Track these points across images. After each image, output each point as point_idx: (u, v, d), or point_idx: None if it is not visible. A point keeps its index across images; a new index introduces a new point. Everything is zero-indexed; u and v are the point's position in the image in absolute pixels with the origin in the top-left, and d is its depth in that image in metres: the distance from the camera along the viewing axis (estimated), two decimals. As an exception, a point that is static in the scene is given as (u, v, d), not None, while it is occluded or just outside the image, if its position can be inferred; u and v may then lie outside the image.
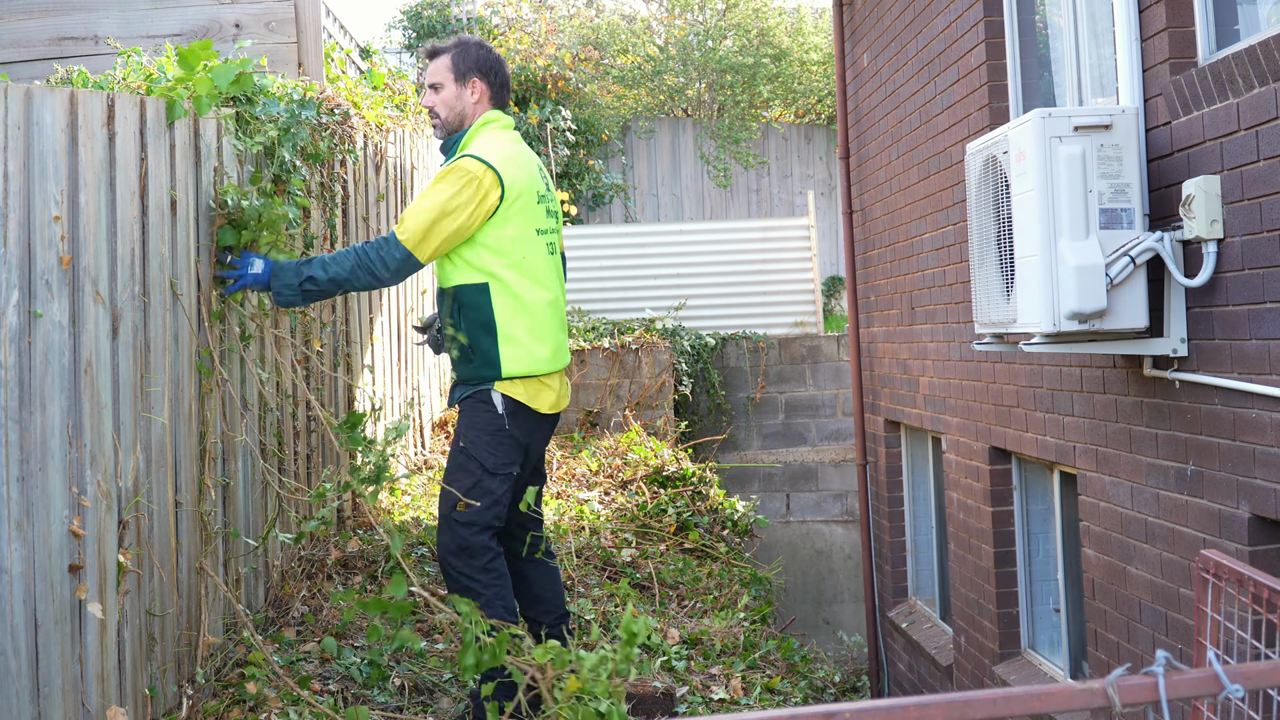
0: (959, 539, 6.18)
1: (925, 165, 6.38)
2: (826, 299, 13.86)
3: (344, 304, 5.55)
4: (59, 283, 3.10)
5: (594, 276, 10.65)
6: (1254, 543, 3.48)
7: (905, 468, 7.62)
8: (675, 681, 4.95)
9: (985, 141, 4.20)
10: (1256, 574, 2.71)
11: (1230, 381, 3.50)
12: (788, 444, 10.14)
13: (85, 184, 3.21)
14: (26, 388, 2.98)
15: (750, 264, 10.68)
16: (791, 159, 14.72)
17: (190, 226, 3.86)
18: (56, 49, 6.15)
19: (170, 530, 3.69)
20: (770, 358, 10.14)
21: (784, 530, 10.06)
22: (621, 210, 14.07)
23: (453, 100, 4.29)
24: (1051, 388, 4.87)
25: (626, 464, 7.92)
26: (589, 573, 6.14)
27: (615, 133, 14.00)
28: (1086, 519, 4.63)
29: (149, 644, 3.55)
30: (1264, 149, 3.31)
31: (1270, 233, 3.30)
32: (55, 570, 3.06)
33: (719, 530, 7.42)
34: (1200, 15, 3.73)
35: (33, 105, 3.03)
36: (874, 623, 8.04)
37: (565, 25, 14.67)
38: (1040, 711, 1.93)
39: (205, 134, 3.98)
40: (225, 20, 6.17)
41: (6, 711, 2.88)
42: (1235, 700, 1.96)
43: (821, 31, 15.51)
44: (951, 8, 5.83)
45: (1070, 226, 3.71)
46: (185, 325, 3.81)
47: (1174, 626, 3.95)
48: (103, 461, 3.28)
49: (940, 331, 6.29)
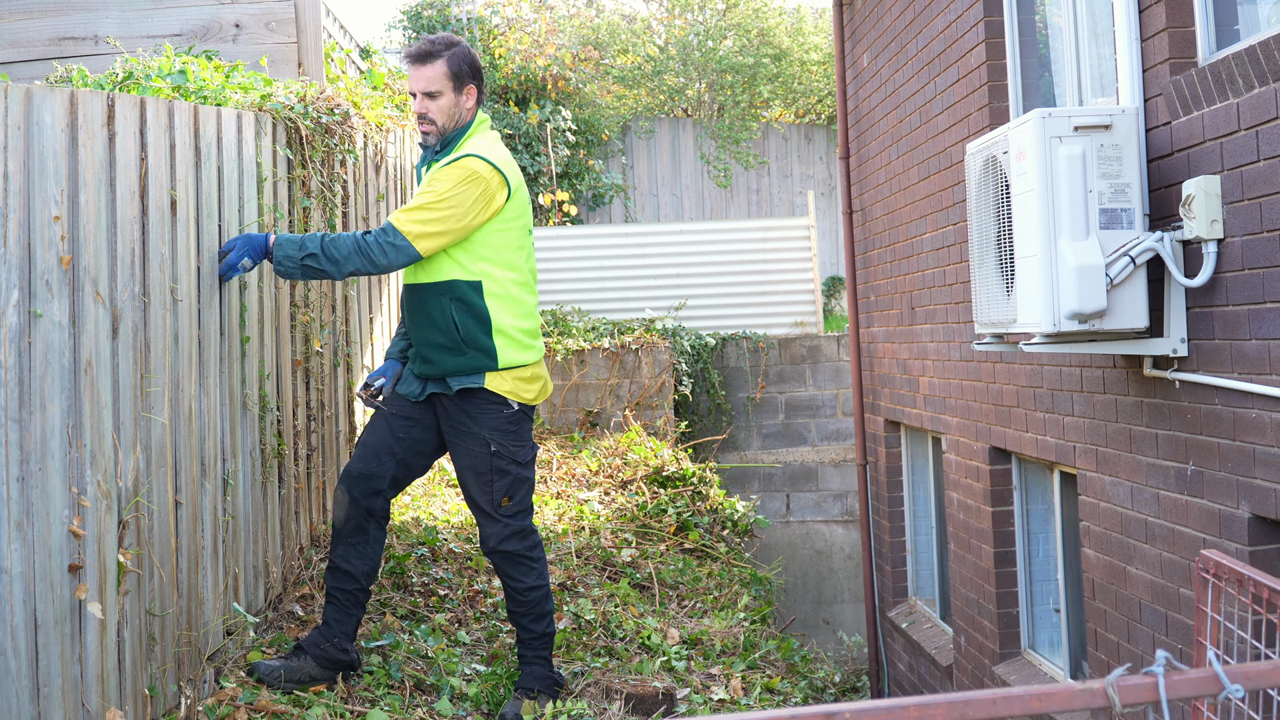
0: (959, 539, 6.18)
1: (925, 165, 6.38)
2: (826, 299, 13.86)
3: (344, 304, 5.55)
4: (59, 283, 3.10)
5: (594, 276, 10.65)
6: (1254, 543, 3.48)
7: (905, 468, 7.62)
8: (675, 681, 4.95)
9: (985, 141, 4.20)
10: (1256, 574, 2.71)
11: (1230, 381, 3.50)
12: (788, 444, 10.14)
13: (85, 184, 3.21)
14: (26, 388, 2.98)
15: (750, 264, 10.68)
16: (791, 159, 14.72)
17: (190, 226, 3.86)
18: (56, 49, 6.15)
19: (170, 530, 3.69)
20: (770, 358, 10.14)
21: (784, 530, 10.06)
22: (621, 210, 14.07)
23: (451, 108, 4.25)
24: (1051, 388, 4.87)
25: (626, 464, 7.92)
26: (589, 573, 6.14)
27: (615, 133, 13.99)
28: (1086, 519, 4.63)
29: (149, 644, 3.55)
30: (1264, 149, 3.31)
31: (1270, 233, 3.30)
32: (55, 570, 3.06)
33: (719, 530, 7.42)
34: (1200, 15, 3.73)
35: (33, 105, 3.03)
36: (874, 623, 8.04)
37: (565, 25, 14.66)
38: (1040, 711, 1.93)
39: (205, 133, 3.98)
40: (225, 20, 6.17)
41: (6, 711, 2.88)
42: (1235, 700, 1.96)
43: (821, 31, 15.51)
44: (951, 8, 5.83)
45: (1070, 226, 3.71)
46: (185, 325, 3.81)
47: (1174, 626, 3.95)
48: (103, 461, 3.28)
49: (940, 331, 6.29)
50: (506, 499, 4.31)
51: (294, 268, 4.07)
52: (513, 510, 4.33)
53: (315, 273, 4.12)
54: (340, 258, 4.08)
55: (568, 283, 10.66)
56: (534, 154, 12.71)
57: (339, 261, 4.09)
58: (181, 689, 3.74)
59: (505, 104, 13.15)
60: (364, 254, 4.09)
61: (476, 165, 4.14)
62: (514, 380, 4.28)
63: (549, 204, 12.29)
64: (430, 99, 4.23)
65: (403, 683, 4.48)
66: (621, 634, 5.34)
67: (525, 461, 4.34)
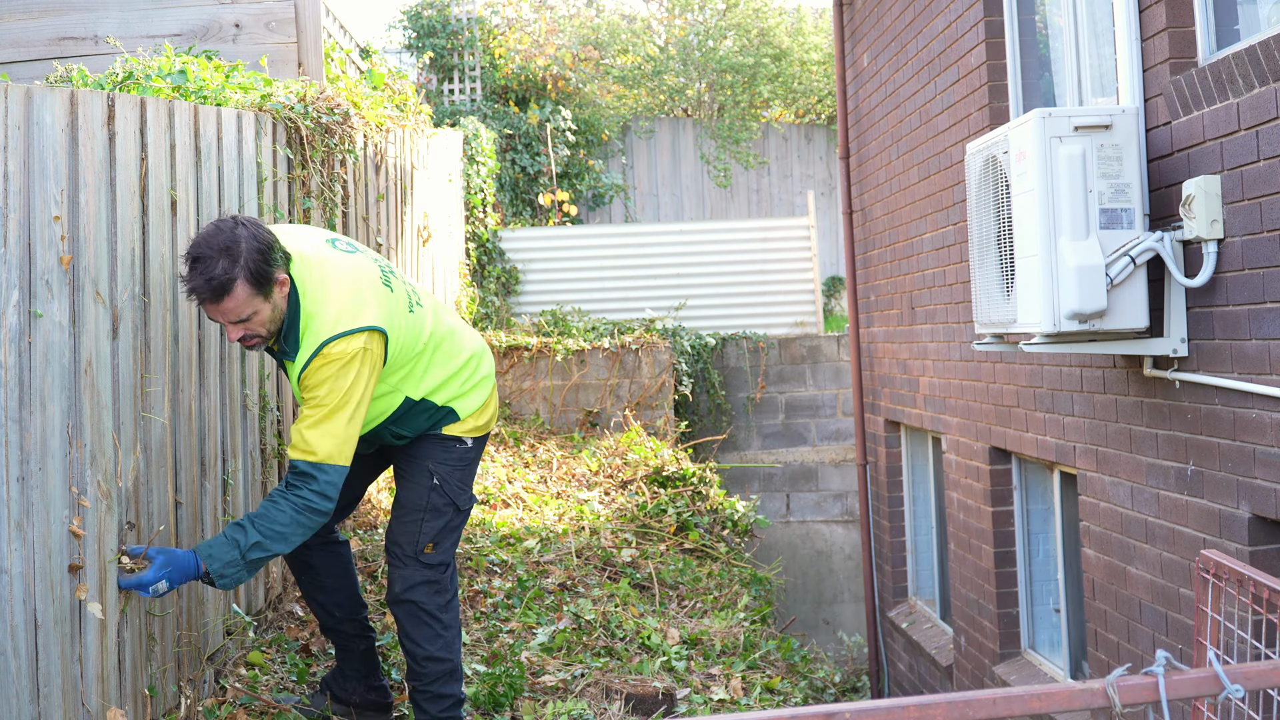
0: (959, 539, 6.18)
1: (925, 165, 6.38)
2: (826, 299, 13.86)
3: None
4: (59, 283, 3.10)
5: (594, 276, 10.65)
6: (1254, 543, 3.48)
7: (905, 468, 7.62)
8: (675, 681, 4.95)
9: (985, 141, 4.20)
10: (1256, 574, 2.71)
11: (1230, 381, 3.50)
12: (788, 444, 10.14)
13: (85, 184, 3.21)
14: (26, 388, 2.98)
15: (750, 264, 10.69)
16: (791, 159, 14.72)
17: (190, 226, 3.86)
18: (56, 49, 6.15)
19: (170, 530, 3.69)
20: (770, 358, 10.14)
21: (784, 530, 10.06)
22: (621, 210, 14.07)
23: (270, 315, 3.47)
24: (1051, 388, 4.87)
25: (626, 464, 7.92)
26: (589, 573, 6.14)
27: (615, 133, 13.99)
28: (1086, 519, 4.63)
29: (149, 644, 3.55)
30: (1264, 149, 3.30)
31: (1270, 233, 3.30)
32: (55, 570, 3.06)
33: (719, 530, 7.42)
34: (1200, 15, 3.72)
35: (33, 105, 3.03)
36: (874, 623, 8.04)
37: (565, 25, 14.66)
38: (1040, 711, 1.93)
39: (205, 133, 3.97)
40: (225, 20, 6.17)
41: (6, 711, 2.88)
42: (1235, 700, 1.96)
43: (821, 31, 15.51)
44: (951, 8, 5.83)
45: (1070, 226, 3.71)
46: (185, 325, 3.81)
47: (1174, 626, 3.95)
48: (103, 461, 3.28)
49: (940, 331, 6.29)
50: (431, 545, 3.79)
51: (240, 572, 3.43)
52: (434, 560, 3.80)
53: (263, 562, 3.49)
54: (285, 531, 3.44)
55: (567, 283, 10.66)
56: (534, 154, 12.71)
57: (285, 536, 3.45)
58: (181, 689, 3.74)
59: (505, 104, 13.15)
60: (304, 510, 3.46)
61: (343, 348, 3.46)
62: (471, 421, 3.86)
63: (549, 204, 12.29)
64: (246, 324, 3.46)
65: (401, 683, 4.48)
66: (621, 634, 5.34)
67: (463, 509, 3.86)
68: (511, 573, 5.89)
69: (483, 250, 10.44)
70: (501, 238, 10.73)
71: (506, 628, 5.24)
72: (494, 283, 10.45)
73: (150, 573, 3.32)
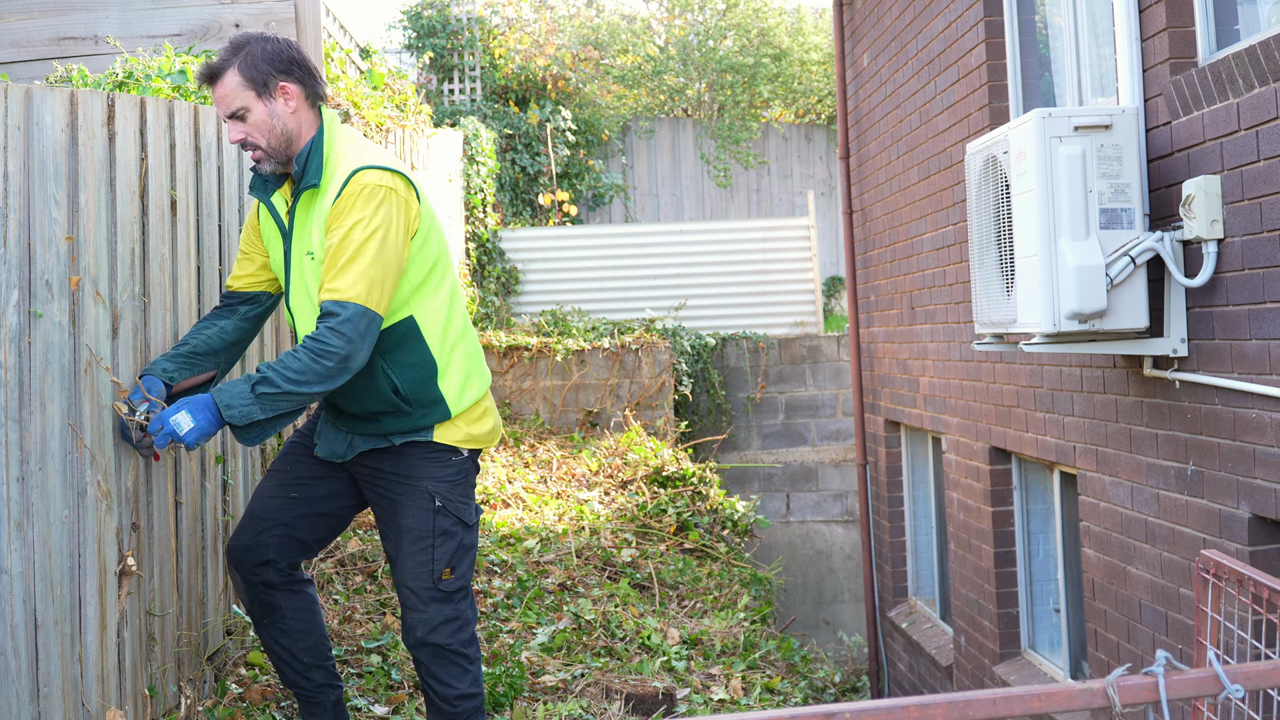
0: (959, 539, 6.18)
1: (925, 165, 6.38)
2: (826, 299, 13.87)
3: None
4: (59, 283, 3.10)
5: (594, 276, 10.66)
6: (1254, 543, 3.48)
7: (905, 468, 7.62)
8: (675, 681, 4.95)
9: (985, 141, 4.20)
10: (1256, 574, 2.71)
11: (1230, 381, 3.50)
12: (788, 444, 10.14)
13: (85, 184, 3.21)
14: (26, 388, 2.98)
15: (750, 264, 10.69)
16: (791, 159, 14.72)
17: (190, 226, 3.86)
18: (56, 49, 6.15)
19: (170, 530, 3.69)
20: (770, 358, 10.14)
21: (784, 530, 10.06)
22: (621, 210, 14.07)
23: (267, 120, 3.35)
24: (1051, 388, 4.87)
25: (626, 464, 7.92)
26: (589, 573, 6.14)
27: (615, 133, 14.00)
28: (1086, 519, 4.63)
29: (149, 644, 3.55)
30: (1264, 149, 3.31)
31: (1270, 233, 3.30)
32: (55, 570, 3.06)
33: (719, 530, 7.42)
34: (1200, 15, 3.73)
35: (33, 105, 3.03)
36: (874, 623, 8.04)
37: (565, 25, 14.66)
38: (1040, 711, 1.93)
39: (205, 133, 3.97)
40: (225, 20, 6.17)
41: (6, 711, 2.88)
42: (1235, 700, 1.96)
43: (821, 31, 15.51)
44: (951, 8, 5.83)
45: (1070, 226, 3.71)
46: (186, 325, 3.81)
47: (1174, 626, 3.95)
48: (102, 461, 3.28)
49: (940, 331, 6.29)
50: (449, 570, 3.45)
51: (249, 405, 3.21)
52: (454, 586, 3.46)
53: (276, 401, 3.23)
54: (301, 375, 3.21)
55: (567, 283, 10.67)
56: (534, 154, 12.71)
57: (302, 380, 3.21)
58: (181, 689, 3.74)
59: (505, 104, 13.15)
60: (323, 354, 3.21)
61: (378, 179, 3.30)
62: (466, 425, 3.51)
63: (549, 204, 12.30)
64: (238, 120, 3.36)
65: (402, 683, 4.48)
66: (621, 634, 5.35)
67: (471, 524, 3.52)
68: (511, 573, 5.89)
69: (483, 250, 10.45)
70: (501, 238, 10.73)
71: (506, 628, 5.24)
72: (494, 283, 10.45)
73: (168, 411, 3.21)
